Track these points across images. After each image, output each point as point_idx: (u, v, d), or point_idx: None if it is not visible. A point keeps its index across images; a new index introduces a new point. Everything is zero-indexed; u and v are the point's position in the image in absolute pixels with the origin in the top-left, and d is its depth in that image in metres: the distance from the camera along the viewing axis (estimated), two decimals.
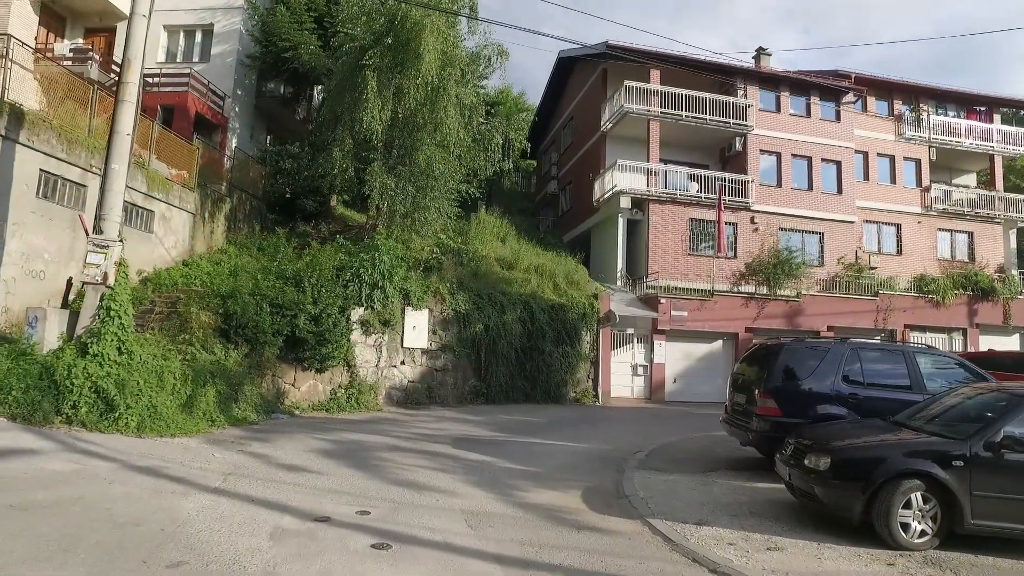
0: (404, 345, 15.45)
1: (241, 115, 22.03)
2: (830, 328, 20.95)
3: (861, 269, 22.34)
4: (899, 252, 24.43)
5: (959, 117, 26.37)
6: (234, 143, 20.87)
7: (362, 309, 14.60)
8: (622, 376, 19.33)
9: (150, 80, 19.67)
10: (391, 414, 13.48)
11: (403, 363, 15.43)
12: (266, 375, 12.14)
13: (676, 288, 20.21)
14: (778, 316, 20.78)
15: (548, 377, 17.37)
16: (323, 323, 12.87)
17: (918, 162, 25.46)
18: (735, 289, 21.13)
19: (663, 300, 19.61)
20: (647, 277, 20.80)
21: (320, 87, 22.96)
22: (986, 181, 27.39)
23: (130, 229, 13.89)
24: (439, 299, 16.26)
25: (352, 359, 14.10)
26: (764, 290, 21.12)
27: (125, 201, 14.09)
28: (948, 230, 25.24)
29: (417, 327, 15.67)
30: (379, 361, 14.93)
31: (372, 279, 14.37)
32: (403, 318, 15.47)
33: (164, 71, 19.96)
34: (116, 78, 19.60)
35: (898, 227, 24.76)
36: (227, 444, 8.49)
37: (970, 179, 28.34)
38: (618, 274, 21.42)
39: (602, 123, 23.58)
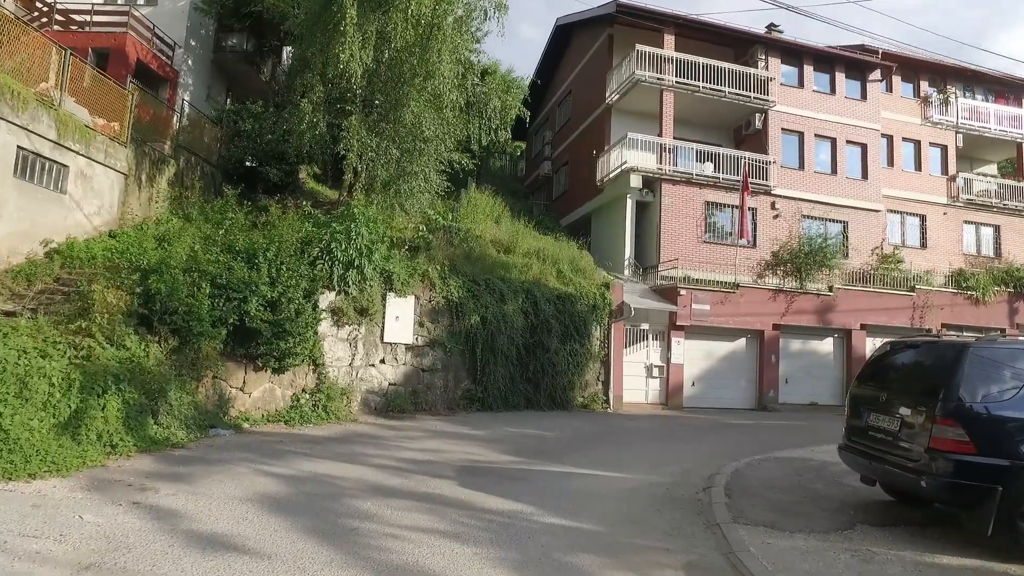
0: (385, 339, 12.62)
1: (196, 70, 18.82)
2: (863, 326, 18.75)
3: (899, 261, 20.17)
4: (923, 245, 22.37)
5: (987, 101, 24.47)
6: (186, 101, 17.69)
7: (333, 294, 11.73)
8: (635, 378, 16.73)
9: (78, 18, 16.47)
10: (368, 426, 10.67)
11: (383, 361, 12.60)
12: (204, 377, 9.18)
13: (691, 278, 17.73)
14: (808, 312, 18.42)
15: (553, 379, 14.70)
16: (282, 310, 9.98)
17: (944, 148, 23.47)
18: (757, 280, 18.76)
19: (683, 292, 17.06)
20: (660, 266, 18.31)
21: (289, 47, 19.89)
22: (1011, 171, 25.58)
23: (31, 185, 10.75)
24: (427, 284, 13.45)
25: (320, 356, 11.22)
26: (792, 282, 18.78)
27: (25, 149, 11.12)
28: (974, 223, 23.28)
29: (401, 318, 12.85)
30: (354, 359, 12.09)
31: (347, 256, 11.51)
32: (384, 306, 12.61)
33: (97, 9, 16.69)
34: (38, 14, 16.55)
35: (923, 218, 22.70)
36: (117, 490, 5.49)
37: (991, 170, 26.54)
38: (626, 262, 18.87)
39: (607, 95, 20.98)
